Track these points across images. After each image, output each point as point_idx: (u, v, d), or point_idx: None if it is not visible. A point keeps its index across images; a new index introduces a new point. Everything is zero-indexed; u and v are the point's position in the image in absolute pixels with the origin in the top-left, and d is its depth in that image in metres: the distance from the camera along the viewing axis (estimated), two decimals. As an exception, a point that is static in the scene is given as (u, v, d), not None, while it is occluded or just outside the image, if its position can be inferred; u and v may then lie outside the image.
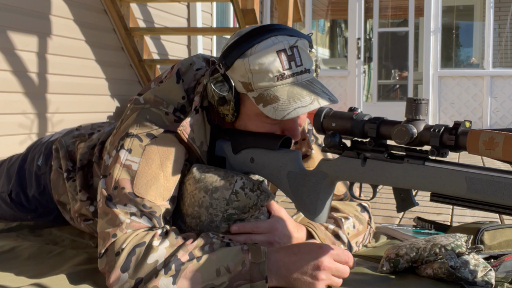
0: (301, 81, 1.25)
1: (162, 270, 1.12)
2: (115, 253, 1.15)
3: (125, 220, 1.19)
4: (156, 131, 1.28)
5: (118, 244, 1.16)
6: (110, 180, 1.24)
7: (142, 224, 1.20)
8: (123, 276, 1.13)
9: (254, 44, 1.24)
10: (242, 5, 3.67)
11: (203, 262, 1.14)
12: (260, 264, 1.15)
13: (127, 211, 1.20)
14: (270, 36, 1.25)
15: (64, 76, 3.71)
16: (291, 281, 1.17)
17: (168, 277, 1.12)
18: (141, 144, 1.26)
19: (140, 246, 1.15)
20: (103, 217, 1.22)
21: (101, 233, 1.20)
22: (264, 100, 1.23)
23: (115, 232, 1.18)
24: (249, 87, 1.25)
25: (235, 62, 1.24)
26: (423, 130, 1.09)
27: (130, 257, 1.14)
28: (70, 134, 1.71)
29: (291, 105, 1.21)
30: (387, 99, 9.20)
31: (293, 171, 1.26)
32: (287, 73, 1.23)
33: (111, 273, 1.14)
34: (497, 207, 1.04)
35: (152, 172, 1.24)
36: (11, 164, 1.82)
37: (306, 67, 1.26)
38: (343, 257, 1.20)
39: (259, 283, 1.15)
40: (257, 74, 1.23)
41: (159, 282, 1.11)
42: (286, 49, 1.24)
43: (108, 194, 1.23)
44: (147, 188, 1.22)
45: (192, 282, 1.12)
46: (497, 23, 8.53)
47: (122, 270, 1.13)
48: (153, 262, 1.13)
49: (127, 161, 1.24)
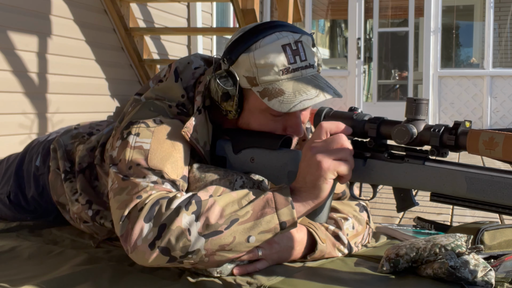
0: (306, 76, 1.25)
1: (183, 207, 1.09)
2: (139, 209, 1.11)
3: (149, 184, 1.16)
4: (162, 118, 1.27)
5: (142, 202, 1.13)
6: (123, 163, 1.21)
7: (166, 188, 1.17)
8: (146, 226, 1.09)
9: (259, 39, 1.25)
10: (242, 5, 3.67)
11: (224, 197, 1.12)
12: (283, 189, 1.13)
13: (148, 180, 1.17)
14: (274, 32, 1.26)
15: (64, 76, 3.71)
16: (306, 183, 1.12)
17: (190, 214, 1.09)
18: (149, 128, 1.25)
19: (164, 198, 1.12)
20: (122, 192, 1.17)
21: (122, 203, 1.15)
22: (269, 94, 1.23)
23: (139, 194, 1.14)
24: (254, 81, 1.25)
25: (240, 57, 1.25)
26: (423, 130, 1.09)
27: (154, 207, 1.11)
28: (69, 133, 1.69)
29: (297, 98, 1.21)
30: (387, 99, 9.20)
31: (293, 171, 1.26)
32: (292, 67, 1.24)
33: (134, 227, 1.09)
34: (497, 207, 1.04)
35: (165, 150, 1.22)
36: (9, 165, 1.81)
37: (310, 62, 1.27)
38: (334, 143, 1.12)
39: (286, 209, 1.10)
40: (262, 68, 1.23)
41: (182, 221, 1.08)
42: (291, 44, 1.25)
43: (124, 175, 1.20)
44: (163, 162, 1.20)
45: (215, 216, 1.09)
46: (497, 23, 8.53)
47: (146, 220, 1.09)
48: (176, 206, 1.10)
49: (137, 143, 1.23)
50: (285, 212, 1.11)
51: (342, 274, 1.31)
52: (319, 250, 1.36)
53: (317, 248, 1.35)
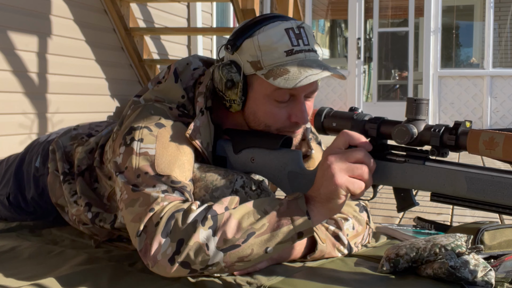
0: (309, 58, 1.27)
1: (200, 223, 1.09)
2: (155, 224, 1.12)
3: (160, 195, 1.16)
4: (164, 121, 1.27)
5: (156, 215, 1.13)
6: (130, 171, 1.21)
7: (177, 197, 1.17)
8: (165, 241, 1.10)
9: (262, 26, 1.27)
10: (242, 5, 3.67)
11: (239, 209, 1.12)
12: (299, 199, 1.12)
13: (158, 189, 1.17)
14: (277, 20, 1.29)
15: (64, 76, 3.71)
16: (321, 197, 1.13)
17: (207, 229, 1.09)
18: (151, 133, 1.24)
19: (179, 211, 1.12)
20: (134, 203, 1.17)
21: (135, 216, 1.16)
22: (274, 75, 1.25)
23: (152, 207, 1.14)
24: (258, 65, 1.26)
25: (244, 43, 1.27)
26: (424, 130, 1.09)
27: (170, 222, 1.11)
28: (68, 134, 1.69)
29: (302, 74, 1.23)
30: (387, 99, 9.19)
31: (293, 170, 1.26)
32: (296, 49, 1.26)
33: (152, 242, 1.10)
34: (497, 207, 1.04)
35: (171, 153, 1.23)
36: (8, 166, 1.80)
37: (313, 48, 1.30)
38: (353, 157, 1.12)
39: (302, 220, 1.10)
40: (266, 50, 1.25)
41: (200, 237, 1.08)
42: (293, 28, 1.27)
43: (132, 184, 1.20)
44: (171, 166, 1.21)
45: (232, 230, 1.09)
46: (497, 23, 8.53)
47: (163, 235, 1.10)
48: (192, 220, 1.10)
49: (142, 149, 1.23)
50: (302, 223, 1.11)
51: (342, 274, 1.31)
52: (319, 250, 1.36)
53: (317, 248, 1.35)
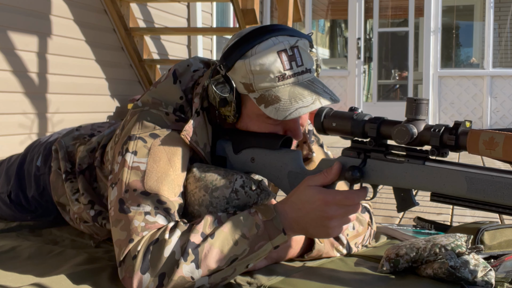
0: (302, 81, 1.25)
1: (181, 258, 1.11)
2: (132, 257, 1.13)
3: (140, 224, 1.17)
4: (159, 131, 1.27)
5: (134, 248, 1.14)
6: (120, 185, 1.23)
7: (157, 224, 1.18)
8: (145, 277, 1.11)
9: (254, 45, 1.24)
10: (242, 5, 3.67)
11: (217, 237, 1.13)
12: (274, 219, 1.16)
13: (141, 211, 1.18)
14: (270, 37, 1.25)
15: (64, 76, 3.71)
16: (307, 233, 1.19)
17: (190, 263, 1.11)
18: (145, 145, 1.25)
19: (153, 243, 1.13)
20: (117, 224, 1.20)
21: (117, 241, 1.19)
22: (265, 101, 1.23)
23: (131, 238, 1.16)
24: (250, 88, 1.24)
25: (236, 63, 1.24)
26: (424, 130, 1.09)
27: (146, 257, 1.12)
28: (70, 134, 1.71)
29: (293, 105, 1.21)
30: (387, 99, 9.19)
31: (293, 171, 1.26)
32: (288, 73, 1.23)
33: (133, 278, 1.12)
34: (497, 207, 1.04)
35: (161, 169, 1.23)
36: (10, 165, 1.82)
37: (307, 67, 1.26)
38: (349, 201, 1.15)
39: (279, 237, 1.15)
40: (258, 74, 1.23)
41: (183, 271, 1.10)
42: (287, 49, 1.24)
43: (119, 198, 1.21)
44: (159, 184, 1.21)
45: (214, 261, 1.12)
46: (497, 23, 8.53)
47: (142, 271, 1.11)
48: (170, 254, 1.12)
49: (134, 163, 1.24)
50: (278, 238, 1.16)
51: (342, 274, 1.31)
52: (317, 249, 1.36)
53: (314, 247, 1.36)
